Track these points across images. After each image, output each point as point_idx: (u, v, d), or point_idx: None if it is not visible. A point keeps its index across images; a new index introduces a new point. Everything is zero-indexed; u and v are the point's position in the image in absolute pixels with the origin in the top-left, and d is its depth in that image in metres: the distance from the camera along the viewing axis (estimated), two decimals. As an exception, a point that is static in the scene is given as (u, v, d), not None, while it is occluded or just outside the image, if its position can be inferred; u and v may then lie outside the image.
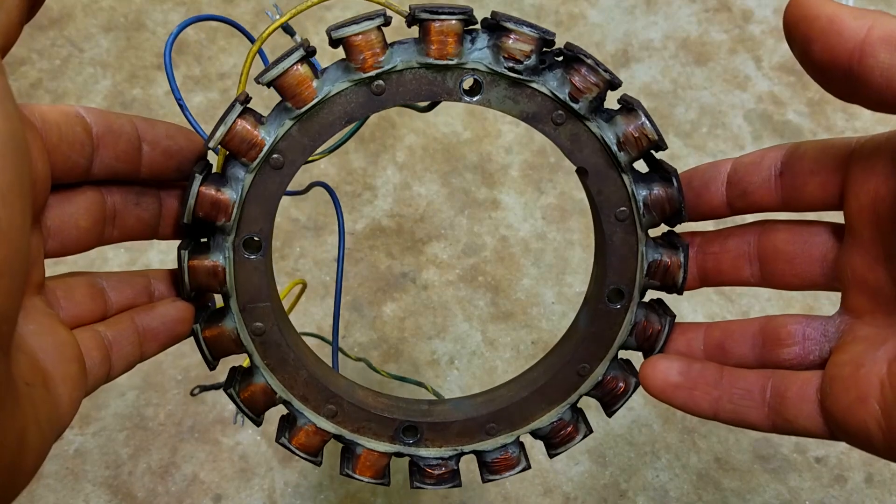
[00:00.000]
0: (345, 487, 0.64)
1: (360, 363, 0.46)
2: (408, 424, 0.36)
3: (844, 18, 0.25)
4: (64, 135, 0.28)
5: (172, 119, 0.85)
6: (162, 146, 0.32)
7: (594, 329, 0.35)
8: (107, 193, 0.31)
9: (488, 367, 0.70)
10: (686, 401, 0.33)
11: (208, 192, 0.31)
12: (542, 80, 0.31)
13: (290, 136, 0.31)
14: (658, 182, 0.33)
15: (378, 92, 0.31)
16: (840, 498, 0.65)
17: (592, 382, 0.36)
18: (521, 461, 0.37)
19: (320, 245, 0.75)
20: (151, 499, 0.64)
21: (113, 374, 0.31)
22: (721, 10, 0.90)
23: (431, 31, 0.30)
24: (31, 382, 0.25)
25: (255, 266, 0.33)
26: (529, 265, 0.75)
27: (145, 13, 0.88)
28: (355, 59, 0.30)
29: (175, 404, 0.67)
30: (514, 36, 0.30)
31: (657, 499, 0.65)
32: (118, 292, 0.32)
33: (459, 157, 0.80)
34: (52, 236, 0.30)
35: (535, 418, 0.36)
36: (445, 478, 0.37)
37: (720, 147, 0.82)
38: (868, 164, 0.28)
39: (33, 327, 0.27)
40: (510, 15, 0.30)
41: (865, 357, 0.29)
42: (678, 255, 0.33)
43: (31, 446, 0.24)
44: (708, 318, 0.72)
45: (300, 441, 0.36)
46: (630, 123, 0.31)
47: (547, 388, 0.36)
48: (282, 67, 0.30)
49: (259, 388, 0.35)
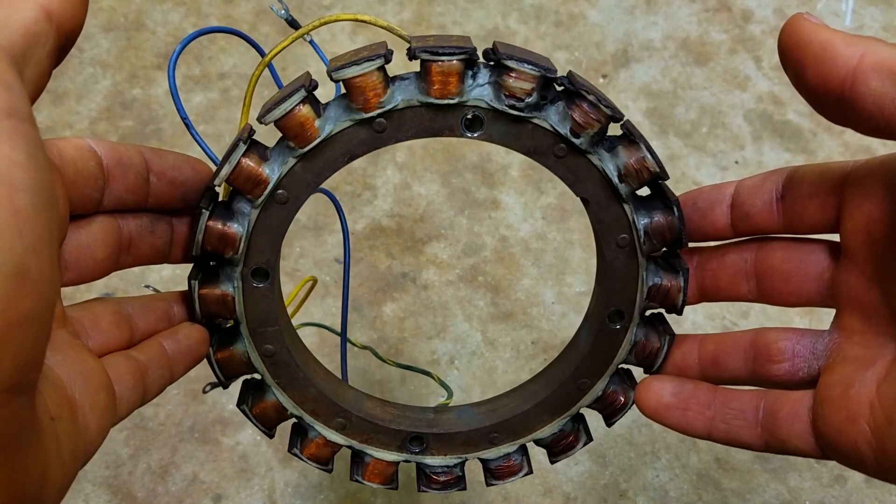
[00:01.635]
0: (345, 487, 0.64)
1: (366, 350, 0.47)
2: (414, 435, 0.37)
3: (837, 45, 0.25)
4: (80, 170, 0.29)
5: (172, 119, 0.85)
6: (168, 177, 0.32)
7: (595, 347, 0.36)
8: (122, 223, 0.32)
9: (488, 367, 0.70)
10: (679, 421, 0.34)
11: (215, 226, 0.31)
12: (543, 115, 0.31)
13: (294, 172, 0.31)
14: (659, 210, 0.33)
15: (380, 130, 0.31)
16: (840, 498, 0.65)
17: (593, 397, 0.37)
18: (523, 467, 0.38)
19: (320, 245, 0.75)
20: (151, 499, 0.64)
21: (147, 398, 0.32)
22: (721, 10, 0.90)
23: (432, 72, 0.30)
24: (56, 416, 0.25)
25: (264, 294, 0.33)
26: (529, 265, 0.75)
27: (145, 13, 0.88)
28: (356, 99, 0.30)
29: (175, 404, 0.67)
30: (514, 75, 0.29)
31: (657, 499, 0.65)
32: (142, 317, 0.33)
33: (459, 157, 0.80)
34: (70, 268, 0.30)
35: (537, 429, 0.37)
36: (451, 483, 0.38)
37: (720, 147, 0.82)
38: (862, 187, 0.29)
39: (60, 358, 0.27)
40: (512, 51, 0.30)
41: (855, 378, 0.29)
42: (678, 280, 0.34)
43: (53, 482, 0.24)
44: (708, 316, 0.72)
45: (311, 451, 0.37)
46: (632, 156, 0.31)
47: (548, 401, 0.37)
48: (284, 109, 0.30)
49: (270, 405, 0.36)
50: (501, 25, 0.89)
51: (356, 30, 0.88)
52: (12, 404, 0.20)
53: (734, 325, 0.72)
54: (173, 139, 0.80)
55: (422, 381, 0.69)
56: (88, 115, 0.82)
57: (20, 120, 0.20)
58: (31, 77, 0.22)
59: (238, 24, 0.87)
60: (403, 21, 0.88)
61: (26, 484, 0.22)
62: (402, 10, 0.89)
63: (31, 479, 0.22)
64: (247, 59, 0.85)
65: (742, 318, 0.72)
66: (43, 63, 0.22)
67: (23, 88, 0.21)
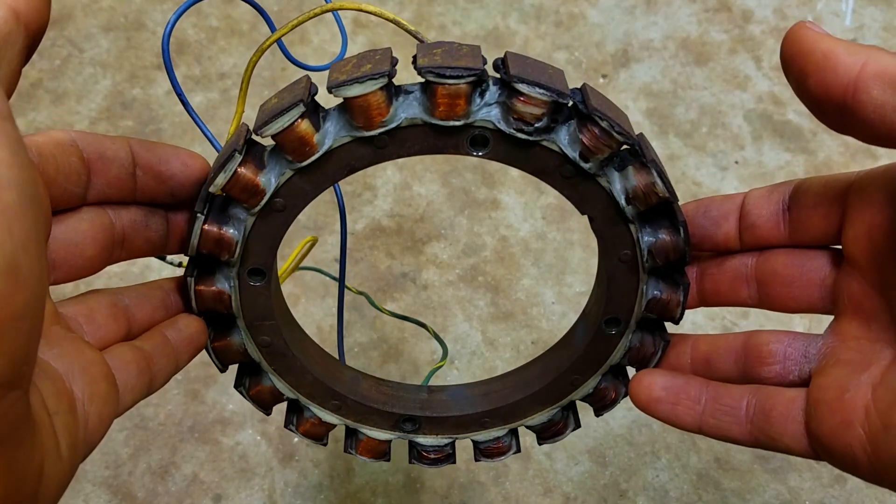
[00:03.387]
0: (345, 487, 0.64)
1: (360, 296, 0.50)
2: (407, 417, 0.38)
3: (839, 54, 0.26)
4: (60, 167, 0.28)
5: (172, 119, 0.85)
6: (155, 171, 0.31)
7: (590, 348, 0.36)
8: (115, 217, 0.31)
9: (488, 367, 0.70)
10: (669, 415, 0.34)
11: (211, 230, 0.31)
12: (552, 137, 0.29)
13: (292, 183, 0.30)
14: (665, 230, 0.32)
15: (381, 146, 0.30)
16: (840, 498, 0.65)
17: (584, 392, 0.38)
18: (512, 447, 0.40)
19: (320, 245, 0.75)
20: (151, 499, 0.64)
21: (154, 387, 0.31)
22: (721, 10, 0.90)
23: (438, 94, 0.28)
24: (54, 410, 0.25)
25: (260, 291, 0.33)
26: (529, 265, 0.75)
27: (145, 13, 0.88)
28: (357, 118, 0.29)
29: (175, 404, 0.67)
30: (524, 98, 0.28)
31: (657, 499, 0.65)
32: (139, 308, 0.32)
33: (459, 157, 0.80)
34: (58, 266, 0.30)
35: (528, 416, 0.39)
36: (441, 459, 0.40)
37: (720, 147, 0.82)
38: (864, 194, 0.29)
39: (56, 350, 0.27)
40: (523, 71, 0.28)
41: (849, 381, 0.29)
42: (678, 294, 0.34)
43: (50, 479, 0.24)
44: (708, 316, 0.72)
45: (306, 429, 0.39)
46: (642, 180, 0.30)
47: (540, 392, 0.38)
48: (282, 124, 0.28)
49: (267, 390, 0.37)
50: (501, 25, 0.89)
51: (356, 30, 0.87)
52: (6, 400, 0.20)
53: (734, 326, 0.72)
54: (173, 139, 0.80)
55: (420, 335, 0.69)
56: (88, 115, 0.82)
57: (1, 118, 0.20)
58: (3, 77, 0.22)
59: (238, 24, 0.87)
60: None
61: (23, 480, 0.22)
62: (402, 9, 0.89)
63: (28, 474, 0.22)
64: (246, 59, 0.85)
65: (742, 318, 0.72)
66: (14, 62, 0.23)
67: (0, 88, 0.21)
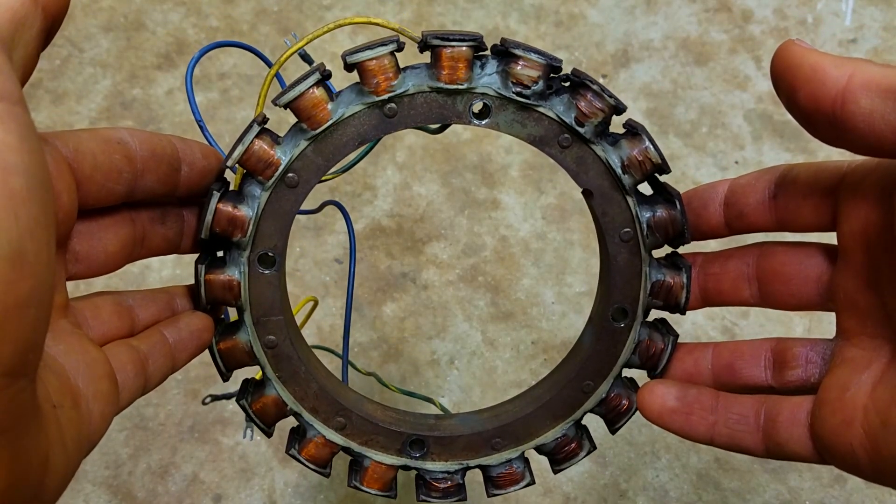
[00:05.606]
0: (344, 488, 0.64)
1: (370, 377, 0.46)
2: (415, 438, 0.37)
3: (826, 67, 0.26)
4: (99, 164, 0.28)
5: (172, 119, 0.85)
6: (199, 166, 0.32)
7: (598, 347, 0.36)
8: (136, 217, 0.32)
9: (488, 367, 0.70)
10: (682, 426, 0.34)
11: (225, 208, 0.32)
12: (549, 104, 0.32)
13: (305, 155, 0.32)
14: (662, 204, 0.33)
15: (390, 114, 0.32)
16: (840, 498, 0.65)
17: (596, 399, 0.37)
18: (525, 476, 0.38)
19: (320, 245, 0.75)
20: (151, 499, 0.64)
21: (149, 387, 0.31)
22: (721, 10, 0.90)
23: (443, 57, 0.31)
24: (59, 404, 0.25)
25: (269, 280, 0.34)
26: (529, 265, 0.75)
27: (145, 13, 0.88)
28: (369, 82, 0.31)
29: (175, 404, 0.67)
30: (522, 62, 0.31)
31: (657, 499, 0.65)
32: (144, 309, 0.33)
33: (459, 157, 0.80)
34: (80, 261, 0.30)
35: (540, 434, 0.37)
36: (451, 491, 0.38)
37: (720, 147, 0.82)
38: (858, 190, 0.29)
39: (63, 347, 0.27)
40: (519, 42, 0.31)
41: (851, 380, 0.29)
42: (681, 276, 0.34)
43: (55, 469, 0.24)
44: (708, 316, 0.72)
45: (310, 452, 0.37)
46: (634, 147, 0.33)
47: (551, 403, 0.37)
48: (298, 90, 0.31)
49: (270, 400, 0.36)
50: (501, 25, 0.89)
51: (356, 29, 0.88)
52: (12, 388, 0.20)
53: (734, 326, 0.72)
54: (173, 139, 0.80)
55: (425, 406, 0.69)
56: (88, 115, 0.82)
57: (11, 103, 0.20)
58: (19, 60, 0.22)
59: (238, 24, 0.87)
60: (403, 21, 0.88)
61: (28, 468, 0.22)
62: (402, 10, 0.89)
63: (33, 463, 0.22)
64: (246, 60, 0.85)
65: (742, 319, 0.72)
66: (31, 46, 0.23)
67: (13, 72, 0.21)
